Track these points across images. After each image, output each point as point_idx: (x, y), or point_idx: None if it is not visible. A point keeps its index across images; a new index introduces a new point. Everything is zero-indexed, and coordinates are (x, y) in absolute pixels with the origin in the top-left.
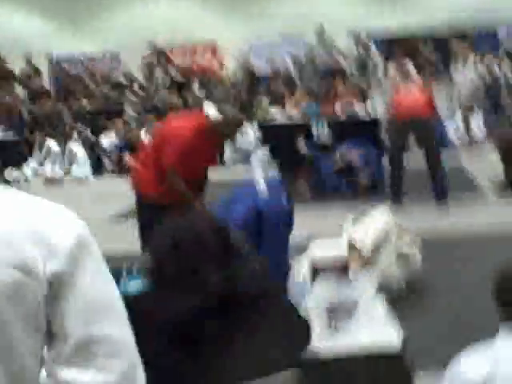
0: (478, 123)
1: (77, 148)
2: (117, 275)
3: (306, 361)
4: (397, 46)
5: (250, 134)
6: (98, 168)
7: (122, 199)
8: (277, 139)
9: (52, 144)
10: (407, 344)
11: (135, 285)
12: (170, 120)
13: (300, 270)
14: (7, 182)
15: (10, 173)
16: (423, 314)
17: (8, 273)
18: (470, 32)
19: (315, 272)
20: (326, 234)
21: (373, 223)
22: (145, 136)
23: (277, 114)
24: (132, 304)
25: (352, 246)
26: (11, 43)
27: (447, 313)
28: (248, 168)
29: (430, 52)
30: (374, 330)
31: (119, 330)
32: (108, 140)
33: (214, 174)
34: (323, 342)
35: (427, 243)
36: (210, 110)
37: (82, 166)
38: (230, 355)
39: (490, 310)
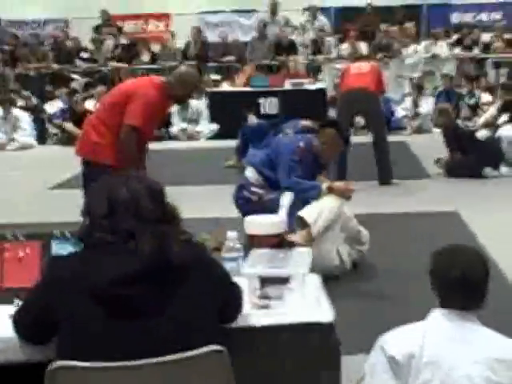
0: (428, 107)
1: (21, 114)
2: (49, 239)
3: (236, 330)
4: (355, 24)
5: (198, 105)
6: (42, 136)
7: (66, 167)
8: (224, 108)
9: None
10: (336, 324)
11: (67, 247)
12: (129, 81)
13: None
14: None
15: None
16: (360, 294)
17: None
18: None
19: (250, 245)
20: None
21: (327, 204)
22: (93, 107)
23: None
24: (61, 265)
25: (303, 223)
26: None
27: (384, 295)
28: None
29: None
30: (306, 306)
31: None
32: (54, 108)
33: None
34: (253, 313)
35: (370, 223)
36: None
37: (27, 132)
38: (160, 323)
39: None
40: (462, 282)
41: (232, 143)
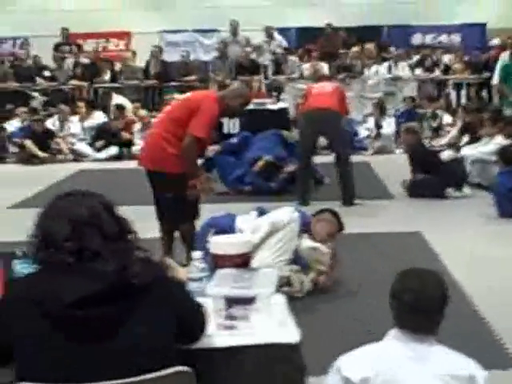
0: (390, 128)
1: None
2: (10, 257)
3: (201, 351)
4: (317, 47)
5: None
6: (1, 155)
7: (25, 186)
8: None
9: None
10: (302, 344)
11: (29, 266)
12: (191, 96)
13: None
14: None
15: None
16: (323, 314)
17: None
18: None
19: (215, 265)
20: None
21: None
22: (53, 125)
23: None
24: (19, 287)
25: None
26: None
27: (347, 316)
28: None
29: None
30: (271, 327)
31: None
32: (13, 126)
33: (116, 164)
34: (219, 333)
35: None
36: (119, 100)
37: None
38: (118, 345)
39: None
40: (414, 306)
41: None
